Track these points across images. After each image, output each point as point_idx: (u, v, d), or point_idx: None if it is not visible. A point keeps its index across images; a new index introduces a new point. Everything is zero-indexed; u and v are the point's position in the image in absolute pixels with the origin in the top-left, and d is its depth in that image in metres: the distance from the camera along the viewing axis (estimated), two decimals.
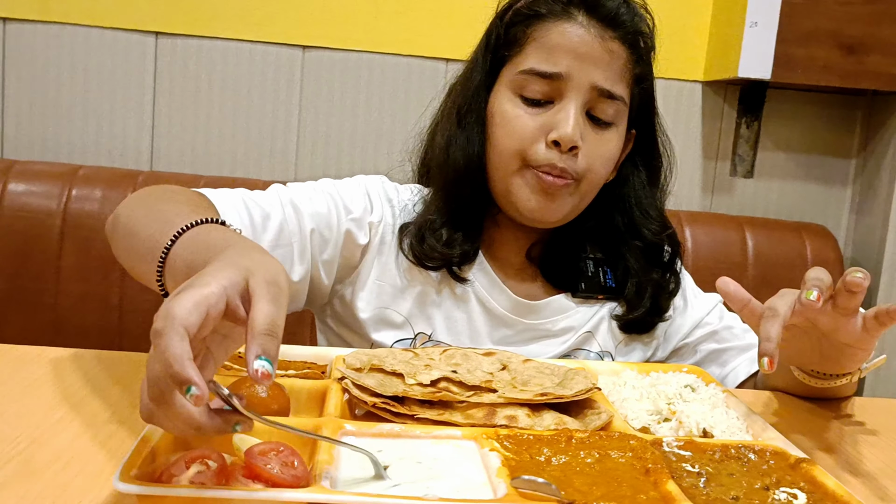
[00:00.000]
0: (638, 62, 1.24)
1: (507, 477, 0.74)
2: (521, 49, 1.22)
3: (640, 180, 1.33)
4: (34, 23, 2.06)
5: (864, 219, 2.20)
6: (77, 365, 1.05)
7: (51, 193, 1.90)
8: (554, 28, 1.20)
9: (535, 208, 1.22)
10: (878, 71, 2.01)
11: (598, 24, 1.20)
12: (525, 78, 1.21)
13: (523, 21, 1.23)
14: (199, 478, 0.70)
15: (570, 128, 1.18)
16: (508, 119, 1.22)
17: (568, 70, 1.19)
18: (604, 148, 1.23)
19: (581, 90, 1.19)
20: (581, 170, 1.21)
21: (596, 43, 1.19)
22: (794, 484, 0.79)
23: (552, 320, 1.31)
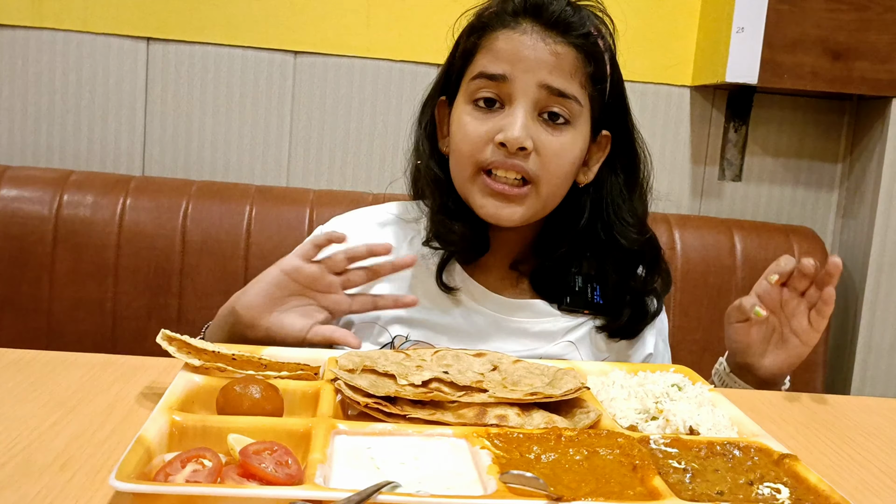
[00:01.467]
0: (590, 62, 1.25)
1: (497, 474, 0.75)
2: (473, 59, 1.27)
3: (617, 184, 1.33)
4: (26, 28, 2.07)
5: (850, 222, 2.22)
6: (73, 368, 1.06)
7: (43, 199, 1.91)
8: (501, 35, 1.24)
9: (492, 213, 1.25)
10: (865, 77, 2.03)
11: (543, 28, 1.23)
12: (475, 83, 1.25)
13: (475, 33, 1.28)
14: (195, 476, 0.72)
15: (517, 129, 1.20)
16: (462, 126, 1.25)
17: (512, 71, 1.22)
18: (559, 148, 1.24)
19: (528, 91, 1.22)
20: (535, 170, 1.23)
21: (540, 45, 1.22)
22: (777, 479, 0.81)
23: (531, 321, 1.32)
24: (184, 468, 0.72)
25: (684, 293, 2.04)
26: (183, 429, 0.81)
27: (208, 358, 0.96)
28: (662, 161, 2.24)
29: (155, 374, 1.07)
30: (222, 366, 0.96)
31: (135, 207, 1.92)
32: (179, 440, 0.80)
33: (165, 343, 0.97)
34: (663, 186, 2.24)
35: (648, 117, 2.22)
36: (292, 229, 1.94)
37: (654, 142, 2.23)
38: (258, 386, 0.88)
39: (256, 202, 1.96)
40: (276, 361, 0.99)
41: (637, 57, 2.18)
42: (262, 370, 0.97)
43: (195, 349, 0.96)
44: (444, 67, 1.35)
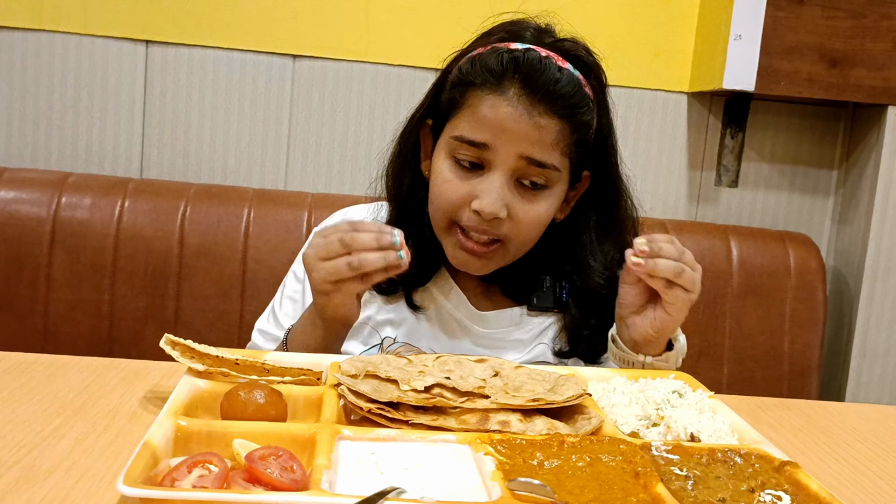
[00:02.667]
0: (574, 131, 1.24)
1: (501, 480, 0.76)
2: (457, 113, 1.25)
3: (587, 225, 1.34)
4: (25, 31, 2.07)
5: (845, 228, 2.24)
6: (74, 372, 1.06)
7: (41, 201, 1.90)
8: (486, 99, 1.22)
9: (462, 265, 1.29)
10: (861, 84, 2.04)
11: (529, 98, 1.20)
12: (456, 144, 1.24)
13: (461, 85, 1.25)
14: (201, 482, 0.72)
15: (492, 201, 1.21)
16: (440, 181, 1.26)
17: (493, 141, 1.21)
18: (533, 214, 1.25)
19: (507, 162, 1.21)
20: (507, 233, 1.25)
21: (524, 118, 1.20)
22: (778, 486, 0.82)
23: (504, 330, 1.35)
24: (190, 473, 0.72)
25: None
26: (188, 433, 0.81)
27: (211, 363, 0.96)
28: (659, 166, 2.25)
29: (157, 377, 1.08)
30: (225, 370, 0.96)
31: (133, 210, 1.92)
32: (184, 445, 0.80)
33: (168, 347, 0.97)
34: (660, 192, 2.26)
35: (646, 123, 2.23)
36: (290, 233, 1.94)
37: (651, 147, 2.24)
38: (262, 391, 0.89)
39: (254, 205, 1.96)
40: (279, 366, 1.00)
41: (635, 63, 2.19)
42: (264, 375, 0.98)
43: (198, 354, 0.97)
44: (428, 95, 1.34)
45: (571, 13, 1.37)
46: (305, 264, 1.17)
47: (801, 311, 2.07)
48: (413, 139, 1.35)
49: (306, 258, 1.17)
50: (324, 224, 1.45)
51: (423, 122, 1.33)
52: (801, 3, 2.01)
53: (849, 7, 2.02)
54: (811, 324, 2.07)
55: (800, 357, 2.07)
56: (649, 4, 2.18)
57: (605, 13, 2.16)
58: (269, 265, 1.92)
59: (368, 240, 1.12)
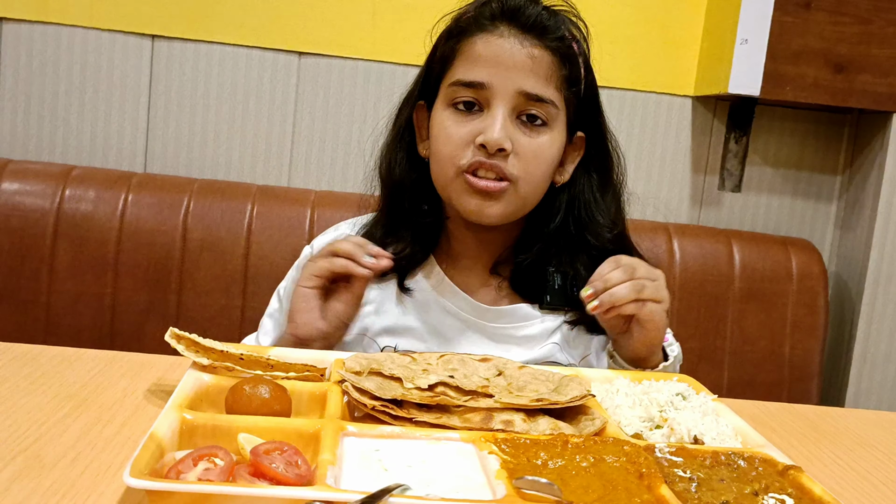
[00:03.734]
0: (565, 65, 1.27)
1: (506, 479, 0.76)
2: (451, 64, 1.29)
3: (590, 185, 1.36)
4: (31, 23, 2.06)
5: (848, 234, 2.24)
6: (79, 363, 1.06)
7: (45, 193, 1.91)
8: (478, 40, 1.26)
9: (474, 210, 1.27)
10: (867, 90, 2.04)
11: (520, 32, 1.25)
12: (454, 89, 1.27)
13: (452, 38, 1.30)
14: (207, 475, 0.72)
15: (497, 132, 1.22)
16: (442, 129, 1.28)
17: (490, 78, 1.24)
18: (537, 149, 1.26)
19: (506, 96, 1.24)
20: (514, 172, 1.25)
21: (516, 49, 1.24)
22: (782, 490, 0.82)
23: (515, 326, 1.34)
24: (196, 466, 0.73)
25: (682, 302, 2.05)
26: (193, 427, 0.81)
27: (216, 357, 0.97)
28: (663, 170, 2.25)
29: (161, 371, 1.08)
30: (230, 365, 0.96)
31: (136, 204, 1.92)
32: (189, 438, 0.80)
33: (174, 341, 0.97)
34: (663, 195, 2.26)
35: (650, 126, 2.23)
36: (293, 230, 1.95)
37: (654, 150, 2.24)
38: (267, 386, 0.89)
39: (258, 202, 1.96)
40: (283, 362, 1.00)
41: (640, 66, 2.19)
42: (269, 370, 0.98)
43: (203, 348, 0.97)
44: (421, 72, 1.37)
45: None
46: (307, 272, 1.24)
47: (802, 317, 2.07)
48: (405, 121, 1.36)
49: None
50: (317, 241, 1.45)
51: (415, 104, 1.35)
52: (808, 8, 2.01)
53: (855, 13, 2.02)
54: (812, 329, 2.08)
55: (800, 362, 2.07)
56: (655, 7, 2.18)
57: (611, 15, 2.16)
58: (271, 261, 1.92)
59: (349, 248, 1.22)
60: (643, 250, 1.39)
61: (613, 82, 2.19)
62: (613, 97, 2.20)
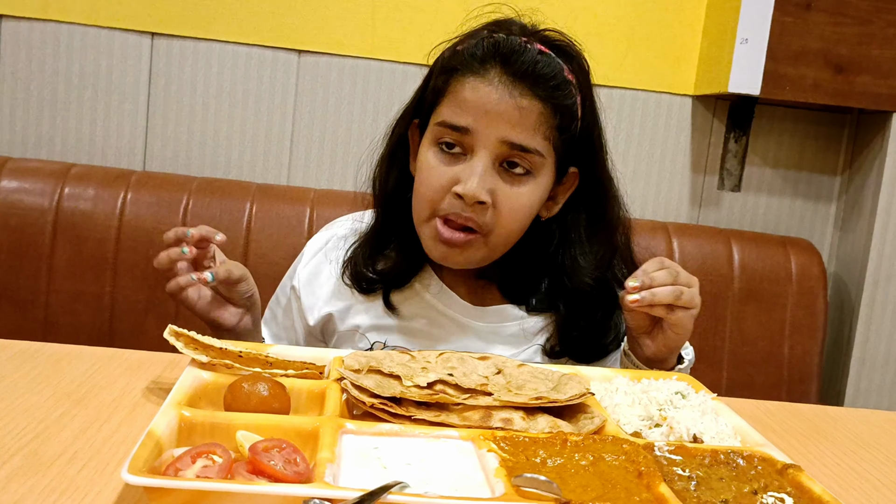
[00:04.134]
0: (556, 114, 1.22)
1: (504, 477, 0.76)
2: (441, 100, 1.25)
3: (578, 222, 1.32)
4: (31, 20, 2.06)
5: (848, 235, 2.24)
6: (77, 361, 1.06)
7: (43, 191, 1.90)
8: (467, 83, 1.22)
9: (440, 257, 1.28)
10: (866, 90, 2.04)
11: (510, 79, 1.20)
12: (440, 129, 1.24)
13: (445, 73, 1.26)
14: (205, 472, 0.72)
15: (475, 184, 1.20)
16: (425, 168, 1.26)
17: (475, 125, 1.20)
18: (517, 201, 1.24)
19: (489, 145, 1.21)
20: (488, 223, 1.23)
21: (505, 99, 1.20)
22: (781, 489, 0.82)
23: (502, 325, 1.34)
24: (194, 463, 0.72)
25: None
26: (192, 424, 0.81)
27: (215, 354, 0.96)
28: (662, 169, 2.25)
29: (160, 368, 1.08)
30: (229, 362, 0.96)
31: (135, 202, 1.92)
32: (188, 435, 0.80)
33: (173, 338, 0.97)
34: (662, 195, 2.26)
35: (650, 125, 2.23)
36: (292, 228, 1.94)
37: (654, 150, 2.24)
38: (266, 384, 0.89)
39: (257, 200, 1.96)
40: (282, 360, 1.00)
41: (640, 65, 2.19)
42: (267, 368, 0.98)
43: (202, 345, 0.97)
44: (417, 93, 1.34)
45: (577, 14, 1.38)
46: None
47: (801, 317, 2.07)
48: (400, 139, 1.35)
49: None
50: (315, 239, 1.46)
51: (410, 122, 1.34)
52: (808, 8, 2.01)
53: (856, 14, 2.02)
54: (811, 330, 2.08)
55: (799, 363, 2.07)
56: (656, 7, 2.17)
57: (612, 15, 2.16)
58: (270, 260, 1.92)
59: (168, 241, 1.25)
60: (640, 249, 1.39)
61: (614, 81, 2.18)
62: (613, 96, 2.20)
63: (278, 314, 1.44)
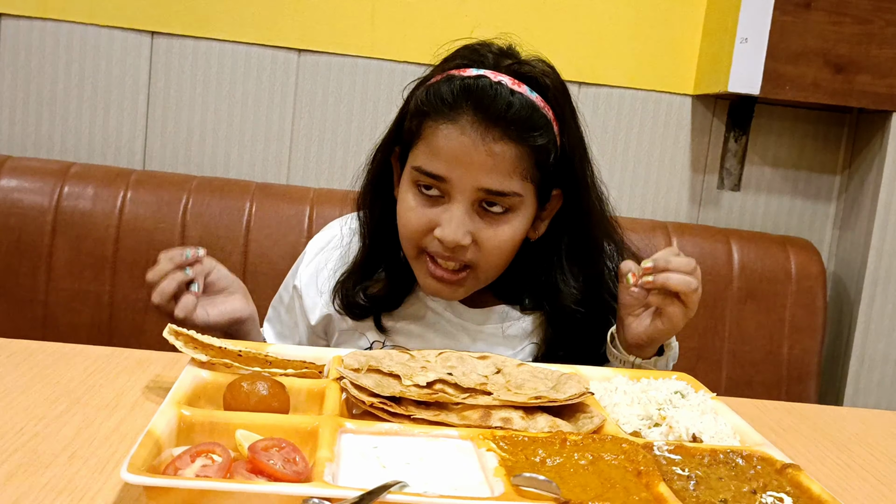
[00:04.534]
0: (532, 153, 1.21)
1: (504, 476, 0.76)
2: (416, 143, 1.24)
3: (560, 245, 1.32)
4: (31, 19, 2.06)
5: (847, 234, 2.24)
6: (77, 360, 1.06)
7: (43, 190, 1.90)
8: (440, 130, 1.20)
9: (434, 292, 1.29)
10: (866, 90, 2.04)
11: (482, 125, 1.18)
12: (416, 174, 1.23)
13: (418, 115, 1.24)
14: (205, 471, 0.72)
15: (453, 230, 1.20)
16: (405, 210, 1.26)
17: (449, 174, 1.20)
18: (499, 239, 1.23)
19: (465, 191, 1.20)
20: (474, 259, 1.24)
21: (478, 147, 1.18)
22: (780, 488, 0.82)
23: (496, 326, 1.35)
24: (194, 462, 0.72)
25: None
26: (191, 423, 0.81)
27: (214, 353, 0.96)
28: (662, 168, 2.25)
29: (159, 367, 1.08)
30: (228, 362, 0.96)
31: (135, 201, 1.92)
32: (187, 435, 0.80)
33: (172, 338, 0.97)
34: (662, 194, 2.26)
35: (649, 125, 2.23)
36: (292, 227, 1.94)
37: (654, 149, 2.24)
38: (265, 383, 0.89)
39: (256, 199, 1.96)
40: (282, 359, 1.00)
41: (640, 65, 2.19)
42: (267, 367, 0.98)
43: (202, 344, 0.97)
44: (394, 124, 1.33)
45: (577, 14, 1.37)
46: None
47: (800, 317, 2.07)
48: (381, 167, 1.34)
49: None
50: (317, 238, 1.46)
51: (391, 150, 1.32)
52: (807, 8, 2.01)
53: (855, 13, 2.02)
54: (811, 329, 2.08)
55: (799, 362, 2.07)
56: (656, 6, 2.17)
57: (612, 14, 2.16)
58: (270, 259, 1.92)
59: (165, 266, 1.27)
60: (640, 248, 1.39)
61: (613, 81, 2.19)
62: (613, 96, 2.20)
63: (281, 313, 1.44)
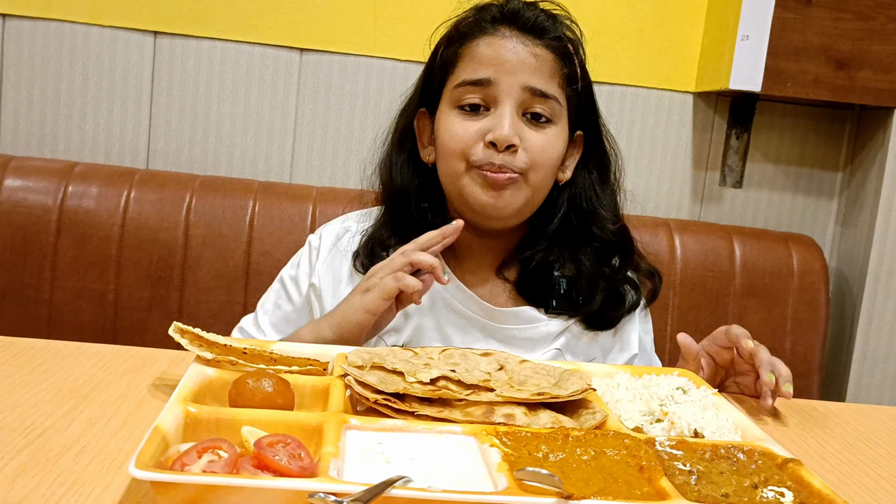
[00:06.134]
0: (565, 64, 1.31)
1: (507, 471, 0.76)
2: (454, 68, 1.31)
3: (590, 181, 1.39)
4: (34, 20, 2.07)
5: (849, 231, 2.24)
6: (83, 358, 1.07)
7: (47, 189, 1.91)
8: (481, 42, 1.30)
9: (487, 203, 1.29)
10: (868, 86, 2.05)
11: (521, 33, 1.29)
12: (460, 90, 1.29)
13: (454, 43, 1.32)
14: (211, 467, 0.73)
15: (506, 129, 1.25)
16: (450, 127, 1.30)
17: (496, 75, 1.27)
18: (544, 143, 1.29)
19: (512, 93, 1.27)
20: (523, 165, 1.28)
21: (520, 48, 1.28)
22: (781, 483, 0.82)
23: (520, 328, 1.35)
24: (200, 458, 0.73)
25: (683, 298, 2.05)
26: (197, 420, 0.82)
27: (220, 351, 0.97)
28: (664, 166, 2.25)
29: (164, 365, 1.08)
30: (233, 359, 0.97)
31: (138, 200, 1.93)
32: (194, 431, 0.81)
33: (178, 335, 0.98)
34: (664, 191, 2.26)
35: (651, 122, 2.23)
36: (295, 226, 1.95)
37: (655, 146, 2.24)
38: (270, 380, 0.89)
39: (260, 198, 1.97)
40: (286, 356, 1.01)
41: (641, 62, 2.19)
42: (272, 364, 0.99)
43: (207, 342, 0.97)
44: (421, 79, 1.39)
45: (577, 11, 1.38)
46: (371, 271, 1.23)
47: (803, 313, 2.08)
48: (405, 131, 1.38)
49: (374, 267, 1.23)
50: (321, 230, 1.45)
51: (416, 112, 1.37)
52: (808, 4, 2.01)
53: (856, 9, 2.02)
54: (813, 325, 2.08)
55: (801, 358, 2.08)
56: (657, 4, 2.18)
57: (612, 12, 2.17)
58: (273, 258, 1.93)
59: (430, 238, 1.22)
60: (644, 244, 1.42)
61: (615, 78, 2.19)
62: (615, 93, 2.20)
63: (287, 310, 1.42)
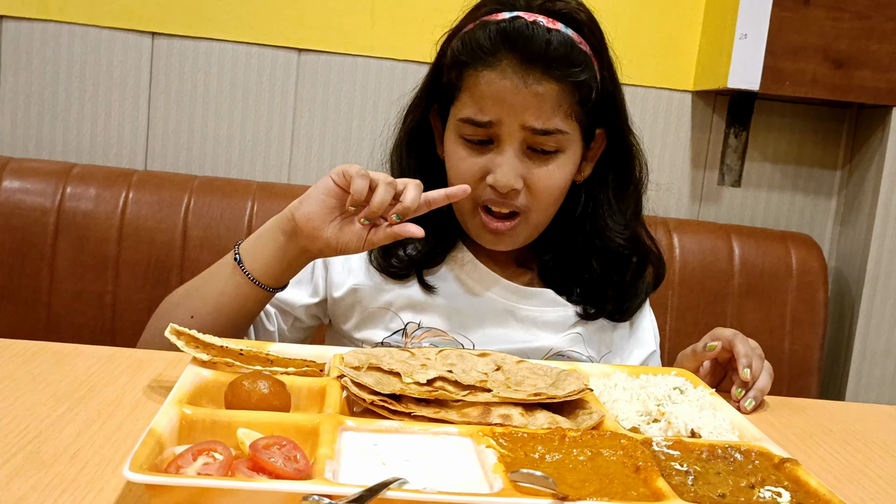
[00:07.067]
0: (574, 91, 1.25)
1: (503, 473, 0.76)
2: (457, 95, 1.28)
3: (606, 184, 1.36)
4: (31, 21, 2.07)
5: (848, 229, 2.24)
6: (79, 360, 1.07)
7: (45, 191, 1.91)
8: (481, 77, 1.24)
9: (488, 241, 1.32)
10: (866, 85, 2.04)
11: (523, 67, 1.21)
12: (462, 126, 1.27)
13: (456, 67, 1.28)
14: (206, 469, 0.73)
15: (505, 173, 1.24)
16: (455, 162, 1.29)
17: (497, 117, 1.24)
18: (550, 180, 1.27)
19: (513, 133, 1.24)
20: (526, 204, 1.27)
21: (521, 89, 1.22)
22: (778, 483, 0.82)
23: (542, 309, 1.35)
24: (195, 461, 0.73)
25: (681, 297, 2.05)
26: (192, 422, 0.82)
27: (216, 353, 0.97)
28: (662, 165, 2.25)
29: (161, 367, 1.08)
30: (229, 361, 0.97)
31: (137, 201, 1.92)
32: (189, 433, 0.81)
33: (174, 337, 0.97)
34: (662, 190, 2.25)
35: (650, 121, 2.23)
36: None
37: (654, 145, 2.24)
38: (266, 381, 0.89)
39: (258, 199, 1.97)
40: (283, 357, 1.01)
41: (639, 61, 2.19)
42: (268, 366, 0.98)
43: (203, 344, 0.97)
44: (427, 79, 1.36)
45: None
46: (338, 168, 1.17)
47: (802, 312, 2.07)
48: (418, 125, 1.36)
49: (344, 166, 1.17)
50: None
51: (428, 107, 1.35)
52: (806, 3, 2.01)
53: (854, 9, 2.02)
54: (812, 324, 2.08)
55: (800, 358, 2.08)
56: (655, 3, 2.18)
57: (611, 10, 2.16)
58: None
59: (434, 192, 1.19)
60: None
61: None
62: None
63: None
